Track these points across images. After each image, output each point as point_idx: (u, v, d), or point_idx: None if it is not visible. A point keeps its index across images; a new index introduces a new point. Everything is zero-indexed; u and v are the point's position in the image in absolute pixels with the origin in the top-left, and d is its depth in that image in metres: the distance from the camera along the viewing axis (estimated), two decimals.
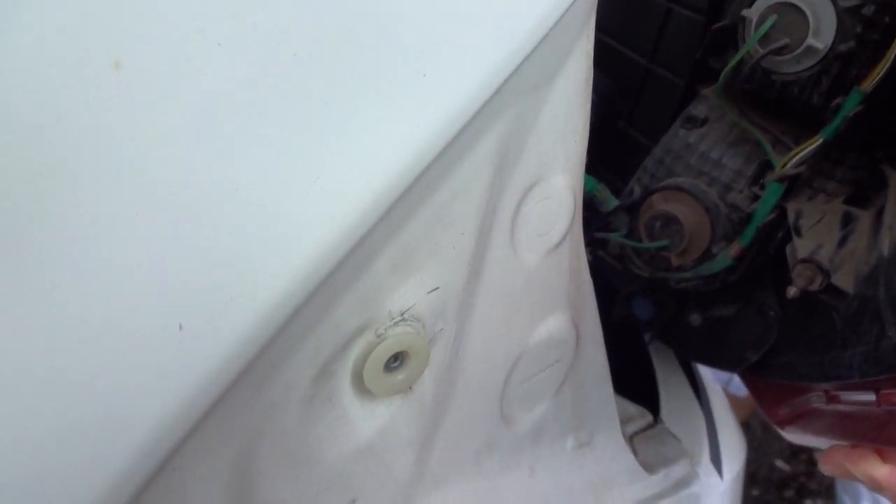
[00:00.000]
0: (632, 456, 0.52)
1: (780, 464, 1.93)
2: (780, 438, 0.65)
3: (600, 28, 0.70)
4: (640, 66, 0.67)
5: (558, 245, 0.37)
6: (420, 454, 0.34)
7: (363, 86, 0.25)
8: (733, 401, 0.88)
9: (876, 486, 0.39)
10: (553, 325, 0.39)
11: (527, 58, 0.30)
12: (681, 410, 0.69)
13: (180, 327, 0.21)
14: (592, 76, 0.36)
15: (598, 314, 0.42)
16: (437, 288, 0.30)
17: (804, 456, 1.88)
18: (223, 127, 0.23)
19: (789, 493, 1.86)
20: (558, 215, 0.36)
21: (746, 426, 1.07)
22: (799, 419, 0.59)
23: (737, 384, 1.49)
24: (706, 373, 0.82)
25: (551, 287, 0.38)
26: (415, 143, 0.26)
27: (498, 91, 0.28)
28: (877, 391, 0.41)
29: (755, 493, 1.90)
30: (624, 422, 0.61)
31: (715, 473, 0.68)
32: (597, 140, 0.73)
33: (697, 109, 0.58)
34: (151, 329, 0.21)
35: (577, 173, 0.36)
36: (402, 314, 0.29)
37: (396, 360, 0.30)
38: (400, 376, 0.30)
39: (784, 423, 0.62)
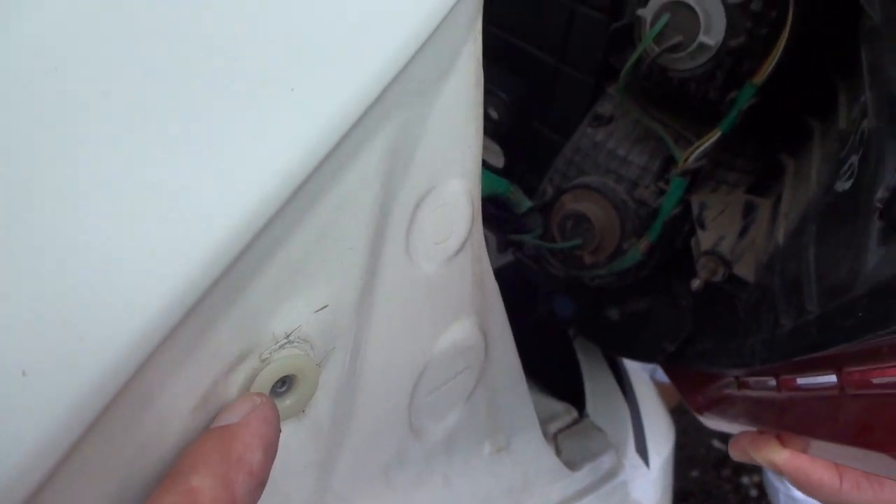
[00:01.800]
0: (553, 455, 0.52)
1: (717, 444, 1.98)
2: None
3: (508, 29, 0.71)
4: (550, 65, 0.68)
5: (458, 251, 0.37)
6: (320, 476, 0.33)
7: (225, 104, 0.24)
8: (664, 388, 0.90)
9: (777, 471, 0.40)
10: (458, 332, 0.39)
11: (409, 64, 0.29)
12: (606, 403, 0.70)
13: (23, 373, 0.19)
14: (483, 79, 0.36)
15: (507, 317, 0.42)
16: (326, 306, 0.30)
17: None
18: (74, 144, 0.22)
19: (726, 472, 1.92)
20: (456, 222, 0.36)
21: (682, 410, 1.09)
22: (715, 405, 0.61)
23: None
24: (633, 363, 0.83)
25: (453, 294, 0.38)
26: (288, 158, 0.25)
27: (379, 99, 0.28)
28: (777, 377, 0.42)
29: (694, 474, 1.94)
30: (548, 420, 0.61)
31: (641, 463, 0.69)
32: (512, 141, 0.74)
33: (603, 108, 0.59)
34: None
35: (474, 178, 0.36)
36: (288, 336, 0.28)
37: (284, 385, 0.30)
38: (289, 401, 0.30)
39: (702, 409, 0.63)
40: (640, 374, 0.84)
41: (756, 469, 1.86)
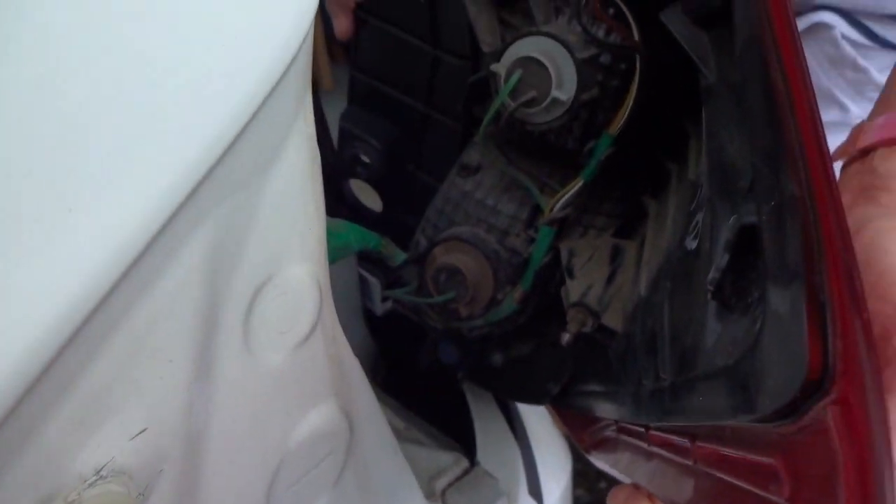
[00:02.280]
0: None
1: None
2: None
3: (376, 76, 0.70)
4: (419, 111, 0.67)
5: (307, 337, 0.35)
6: None
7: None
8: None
9: None
10: (317, 419, 0.37)
11: (223, 158, 0.27)
12: (497, 447, 0.70)
13: None
14: (320, 156, 0.34)
15: (372, 392, 0.41)
16: (145, 429, 0.27)
17: None
18: None
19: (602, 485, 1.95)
20: (301, 308, 0.34)
21: None
22: (599, 446, 0.61)
23: None
24: None
25: (307, 381, 0.36)
26: (77, 280, 0.22)
27: (187, 202, 0.26)
28: (646, 429, 0.42)
29: (603, 485, 1.97)
30: (435, 476, 0.60)
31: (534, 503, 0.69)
32: (389, 185, 0.73)
33: (470, 157, 0.58)
34: None
35: (319, 259, 0.34)
36: (99, 472, 0.26)
37: None
38: None
39: (589, 448, 0.64)
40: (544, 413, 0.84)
41: None
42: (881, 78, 0.72)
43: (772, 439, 0.22)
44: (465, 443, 0.70)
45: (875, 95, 0.75)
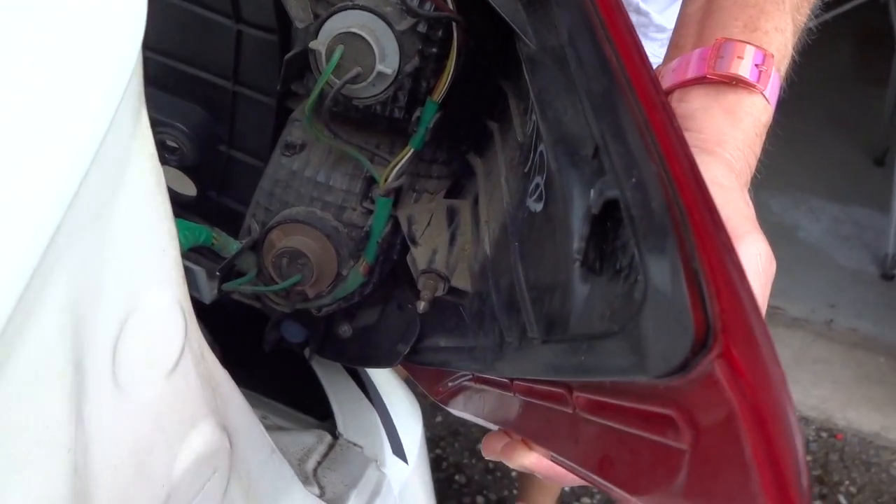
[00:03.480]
0: (319, 503, 0.51)
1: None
2: None
3: (172, 55, 0.65)
4: (226, 89, 0.64)
5: (177, 362, 0.33)
6: None
7: None
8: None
9: (527, 471, 0.44)
10: (198, 441, 0.35)
11: (73, 200, 0.25)
12: (355, 416, 0.71)
13: None
14: (162, 172, 0.32)
15: (244, 399, 0.40)
16: None
17: None
18: None
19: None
20: (167, 335, 0.32)
21: None
22: (455, 395, 0.64)
23: None
24: None
25: (183, 407, 0.34)
26: None
27: (42, 257, 0.23)
28: (511, 378, 0.45)
29: (439, 419, 2.07)
30: (304, 458, 0.60)
31: (401, 462, 0.71)
32: (202, 168, 0.69)
33: (293, 135, 0.57)
34: None
35: (178, 280, 0.32)
36: None
37: None
38: None
39: (445, 400, 0.66)
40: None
41: None
42: (661, 19, 0.80)
43: (661, 392, 0.25)
44: (323, 418, 0.70)
45: (658, 36, 0.83)
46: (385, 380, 0.81)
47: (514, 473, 1.91)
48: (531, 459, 0.43)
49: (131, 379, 0.30)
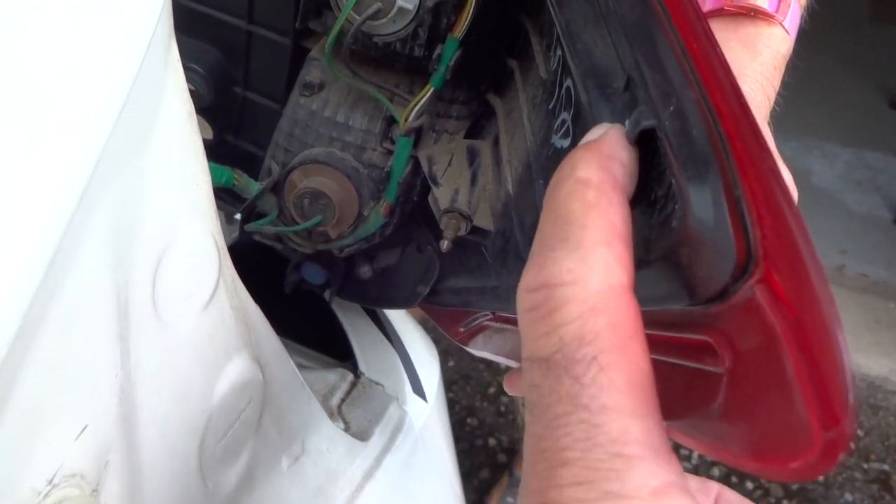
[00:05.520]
0: (345, 437, 0.52)
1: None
2: None
3: None
4: (241, 29, 0.63)
5: (213, 295, 0.33)
6: None
7: None
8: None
9: None
10: (234, 372, 0.36)
11: (114, 129, 0.25)
12: (376, 356, 0.72)
13: None
14: (194, 107, 0.32)
15: (275, 334, 0.40)
16: (87, 426, 0.25)
17: None
18: None
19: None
20: (203, 268, 0.32)
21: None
22: (475, 336, 0.64)
23: None
24: None
25: (218, 338, 0.35)
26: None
27: (86, 191, 0.23)
28: None
29: (451, 363, 2.10)
30: (328, 395, 0.61)
31: (420, 401, 0.73)
32: (218, 111, 0.69)
33: (311, 75, 0.56)
34: None
35: (211, 214, 0.33)
36: (51, 480, 0.24)
37: None
38: None
39: (464, 340, 0.67)
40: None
41: None
42: None
43: (697, 319, 0.25)
44: (345, 358, 0.71)
45: None
46: (402, 322, 0.82)
47: (520, 421, 1.95)
48: None
49: (170, 310, 0.31)
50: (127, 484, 0.29)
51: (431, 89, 0.53)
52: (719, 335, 0.24)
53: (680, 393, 0.26)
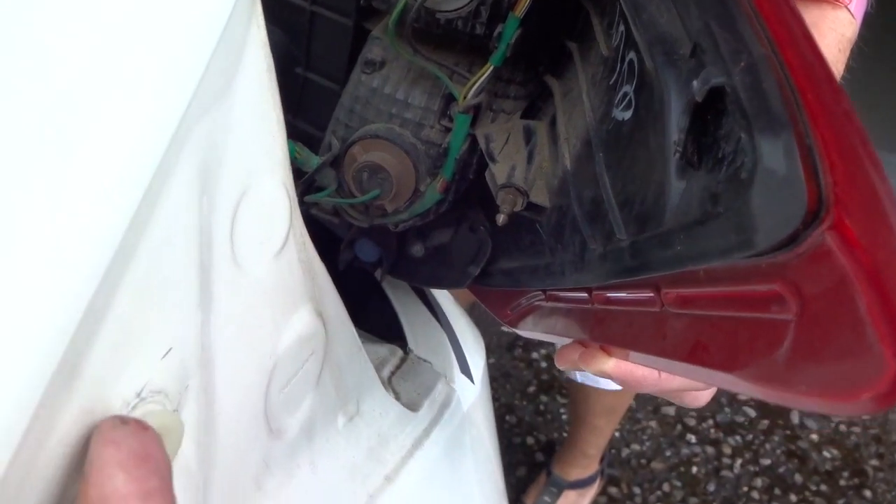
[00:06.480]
0: (397, 404, 0.53)
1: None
2: None
3: None
4: (304, 9, 0.65)
5: (283, 245, 0.35)
6: None
7: None
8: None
9: (605, 377, 0.45)
10: (299, 324, 0.38)
11: (201, 78, 0.26)
12: (425, 335, 0.73)
13: None
14: (273, 63, 0.33)
15: (338, 294, 0.42)
16: (171, 349, 0.27)
17: None
18: None
19: (518, 352, 2.10)
20: (276, 217, 0.34)
21: (475, 306, 1.17)
22: (525, 317, 0.65)
23: None
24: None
25: (287, 288, 0.36)
26: (104, 224, 0.22)
27: (180, 125, 0.25)
28: (589, 291, 0.46)
29: (491, 360, 2.10)
30: (379, 367, 0.63)
31: (467, 381, 0.74)
32: (280, 95, 0.71)
33: (373, 52, 0.58)
34: None
35: (284, 167, 0.34)
36: (139, 394, 0.26)
37: None
38: None
39: (514, 322, 0.68)
40: (440, 293, 0.88)
41: (542, 343, 2.06)
42: None
43: (763, 270, 0.25)
44: (394, 336, 0.72)
45: None
46: (450, 305, 0.83)
47: (564, 416, 1.94)
48: (610, 364, 0.44)
49: (245, 254, 0.32)
50: (203, 411, 0.30)
51: (491, 67, 0.54)
52: (787, 283, 0.24)
53: (744, 343, 0.27)
